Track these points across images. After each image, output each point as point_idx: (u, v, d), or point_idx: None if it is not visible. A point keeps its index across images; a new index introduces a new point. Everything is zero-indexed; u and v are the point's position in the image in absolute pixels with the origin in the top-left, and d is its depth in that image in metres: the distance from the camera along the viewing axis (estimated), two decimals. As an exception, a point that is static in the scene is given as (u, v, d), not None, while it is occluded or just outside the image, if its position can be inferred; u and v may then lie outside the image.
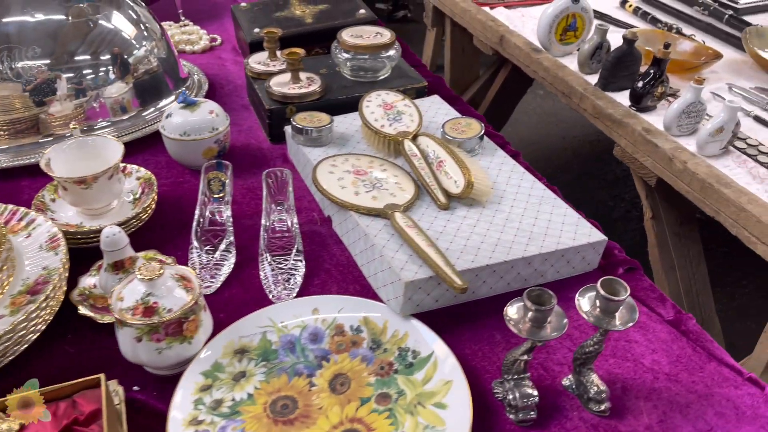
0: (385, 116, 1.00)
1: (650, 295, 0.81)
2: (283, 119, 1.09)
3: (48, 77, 1.05)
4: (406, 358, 0.71)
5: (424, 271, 0.73)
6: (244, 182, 1.01)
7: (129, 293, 0.67)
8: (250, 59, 1.19)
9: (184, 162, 1.03)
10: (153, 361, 0.67)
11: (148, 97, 1.15)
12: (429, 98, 1.14)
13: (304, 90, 1.09)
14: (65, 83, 1.06)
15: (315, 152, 0.98)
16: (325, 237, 0.91)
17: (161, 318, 0.64)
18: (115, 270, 0.75)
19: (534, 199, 0.88)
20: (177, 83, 1.20)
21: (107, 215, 0.89)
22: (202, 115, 1.00)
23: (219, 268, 0.83)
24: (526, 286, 0.80)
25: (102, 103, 1.10)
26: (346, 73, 1.16)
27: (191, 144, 0.99)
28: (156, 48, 1.16)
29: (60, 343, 0.74)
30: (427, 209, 0.86)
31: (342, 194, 0.86)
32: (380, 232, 0.80)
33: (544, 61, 1.38)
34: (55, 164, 0.85)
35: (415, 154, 0.93)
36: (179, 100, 1.01)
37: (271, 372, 0.69)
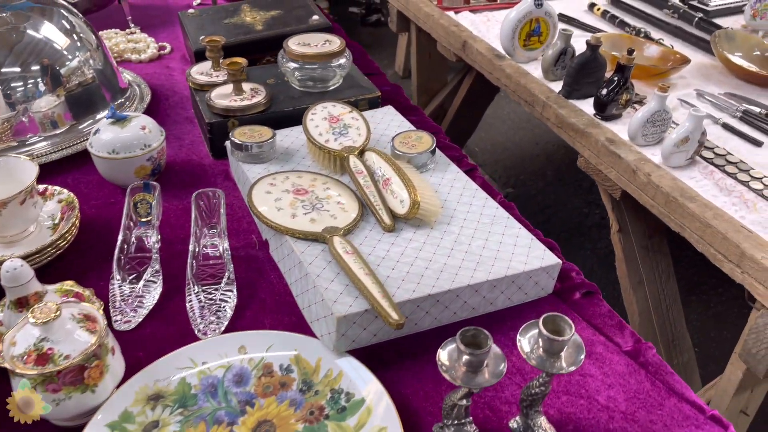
0: (331, 130, 0.94)
1: (608, 323, 0.75)
2: (226, 134, 1.02)
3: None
4: (338, 401, 0.64)
5: (359, 303, 0.67)
6: (180, 202, 0.94)
7: (22, 338, 0.59)
8: (193, 69, 1.12)
9: (115, 181, 0.96)
10: (51, 414, 0.59)
11: (83, 111, 1.07)
12: (382, 109, 1.08)
13: (247, 102, 1.02)
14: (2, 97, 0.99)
15: (255, 169, 0.91)
16: (262, 262, 0.84)
17: (56, 366, 0.57)
18: (18, 307, 0.68)
19: (485, 218, 0.82)
20: (115, 95, 1.12)
21: (23, 242, 0.81)
22: (133, 131, 0.93)
23: (142, 300, 0.76)
24: (474, 315, 0.74)
25: (31, 117, 1.02)
26: (294, 83, 1.10)
27: (121, 162, 0.92)
28: (91, 59, 1.09)
29: (-44, 391, 0.66)
30: (371, 231, 0.80)
31: (277, 217, 0.79)
32: (316, 258, 0.74)
33: (507, 68, 1.33)
34: (-39, 189, 0.78)
35: (361, 171, 0.87)
36: (108, 115, 0.94)
37: (187, 420, 0.62)
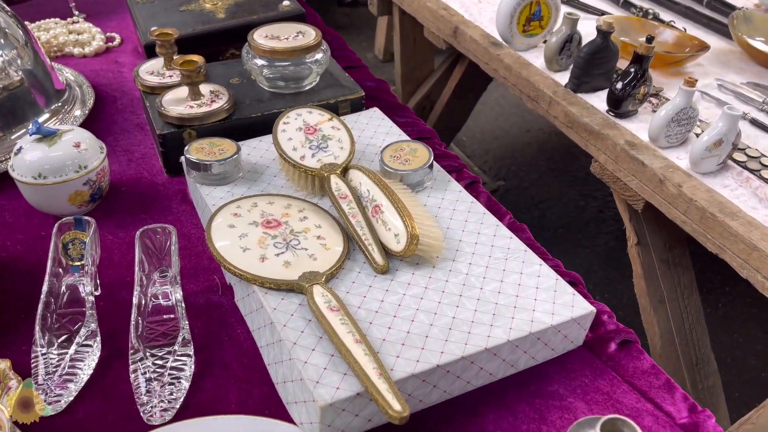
0: (307, 143, 0.78)
1: (654, 383, 0.62)
2: (181, 146, 0.85)
3: None
4: None
5: (349, 384, 0.52)
6: (127, 234, 0.78)
7: None
8: (142, 68, 0.95)
9: (46, 210, 0.79)
10: None
11: (11, 120, 0.90)
12: (367, 112, 0.93)
13: (206, 108, 0.85)
14: None
15: (215, 193, 0.75)
16: (227, 312, 0.69)
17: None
18: None
19: (498, 251, 0.68)
20: (50, 99, 0.95)
21: None
22: (64, 148, 0.76)
23: (74, 371, 0.60)
24: (491, 381, 0.60)
25: (-55, 130, 0.85)
26: (262, 83, 0.93)
27: (51, 189, 0.75)
28: (19, 57, 0.91)
29: None
30: (360, 274, 0.65)
31: (243, 260, 0.64)
32: (292, 317, 0.59)
33: (506, 58, 1.18)
34: None
35: (345, 196, 0.72)
36: (31, 131, 0.76)
37: None
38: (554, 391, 0.60)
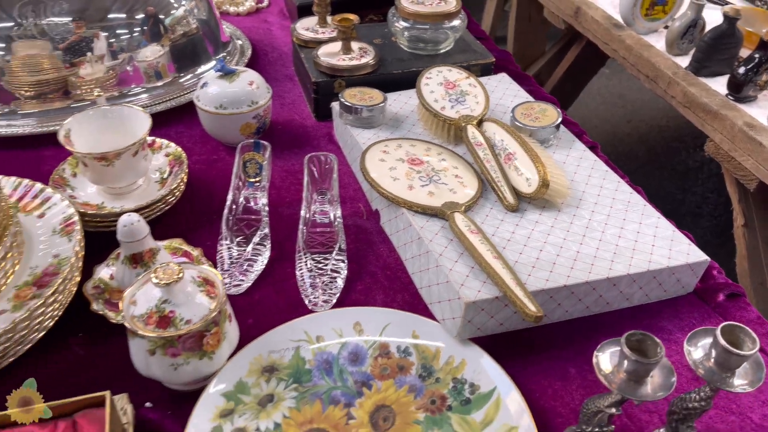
0: (447, 96, 0.87)
1: (759, 331, 0.67)
2: (331, 94, 0.97)
3: (82, 36, 0.96)
4: (462, 392, 0.60)
5: (488, 289, 0.62)
6: (284, 164, 0.91)
7: (143, 298, 0.57)
8: (298, 24, 1.07)
9: (219, 138, 0.93)
10: (167, 377, 0.57)
11: (186, 63, 1.05)
12: (496, 77, 1.01)
13: (356, 62, 0.96)
14: (98, 43, 0.97)
15: (364, 134, 0.86)
16: (371, 233, 0.79)
17: (178, 330, 0.55)
18: (133, 263, 0.66)
19: (619, 204, 0.75)
20: (217, 48, 1.09)
21: (131, 195, 0.79)
22: (241, 86, 0.89)
23: (251, 264, 0.73)
24: (606, 309, 0.68)
25: (135, 66, 1.00)
26: (402, 44, 1.03)
27: (228, 118, 0.89)
28: (196, 8, 1.06)
29: (69, 343, 0.65)
30: (492, 210, 0.74)
31: (394, 187, 0.74)
32: (436, 236, 0.69)
33: (627, 39, 1.22)
34: (76, 136, 0.76)
35: (480, 143, 0.81)
36: (216, 68, 0.90)
37: (303, 397, 0.59)
38: (663, 327, 0.67)
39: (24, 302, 0.61)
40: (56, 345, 0.64)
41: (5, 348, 0.59)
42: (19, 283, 0.64)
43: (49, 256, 0.67)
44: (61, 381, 0.62)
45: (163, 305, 0.56)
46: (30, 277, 0.64)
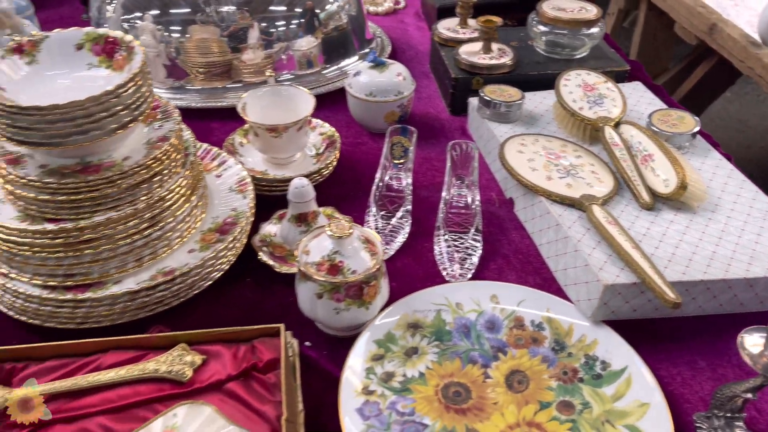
0: (585, 98, 0.91)
1: None
2: (468, 90, 1.03)
3: (245, 24, 1.07)
4: (593, 367, 0.63)
5: (626, 275, 0.65)
6: (420, 152, 0.97)
7: (316, 248, 0.65)
8: (439, 24, 1.14)
9: (364, 123, 1.01)
10: (329, 320, 0.65)
11: (334, 55, 1.14)
12: (630, 84, 1.03)
13: (495, 61, 1.02)
14: (259, 32, 1.08)
15: (501, 128, 0.92)
16: (503, 220, 0.85)
17: (345, 278, 0.62)
18: (298, 222, 0.75)
19: (757, 212, 0.76)
20: (362, 43, 1.18)
21: (290, 166, 0.89)
22: (389, 77, 0.97)
23: (394, 235, 0.80)
24: (739, 310, 0.69)
25: (290, 55, 1.11)
26: (539, 47, 1.08)
27: (375, 105, 0.97)
28: (347, 5, 1.15)
29: (239, 287, 0.75)
30: (627, 207, 0.77)
31: (532, 177, 0.79)
32: (574, 224, 0.73)
33: (765, 58, 1.20)
34: (249, 109, 0.87)
35: (617, 144, 0.84)
36: (369, 59, 0.99)
37: (444, 354, 0.65)
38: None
39: (209, 244, 0.71)
40: (230, 286, 0.74)
41: (193, 281, 0.69)
42: (205, 228, 0.74)
43: (228, 209, 0.77)
44: (231, 319, 0.71)
45: (334, 255, 0.64)
46: (213, 225, 0.75)
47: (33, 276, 0.65)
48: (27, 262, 0.65)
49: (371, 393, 0.61)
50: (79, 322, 0.66)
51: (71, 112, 0.59)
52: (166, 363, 0.60)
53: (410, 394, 0.61)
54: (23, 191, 0.63)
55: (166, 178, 0.68)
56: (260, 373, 0.60)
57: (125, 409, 0.57)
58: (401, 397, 0.61)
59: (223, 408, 0.57)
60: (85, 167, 0.65)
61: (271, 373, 0.60)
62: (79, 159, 0.65)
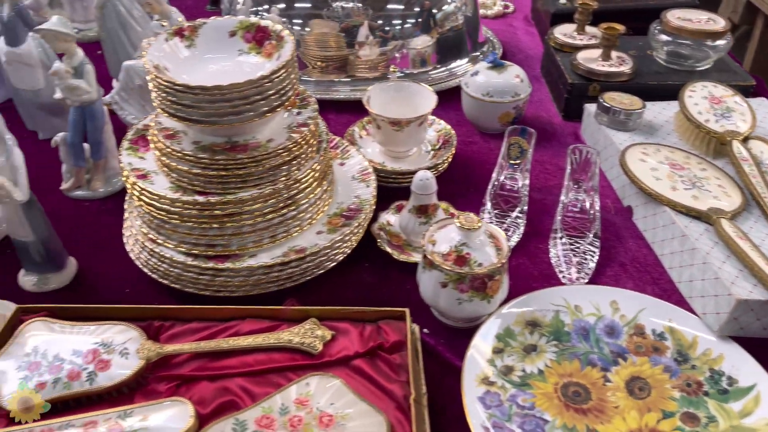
0: (711, 111, 0.89)
1: None
2: (583, 96, 1.03)
3: (363, 21, 1.10)
4: (719, 382, 0.62)
5: (760, 292, 0.64)
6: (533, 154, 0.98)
7: (442, 238, 0.67)
8: (556, 29, 1.14)
9: (477, 122, 1.02)
10: (450, 309, 0.67)
11: (447, 55, 1.16)
12: (755, 100, 1.00)
13: (614, 69, 1.01)
14: (362, 30, 1.11)
15: (620, 136, 0.91)
16: (619, 228, 0.84)
17: (471, 270, 0.64)
18: (418, 213, 0.77)
19: None
20: (475, 45, 1.20)
21: (407, 160, 0.91)
22: (507, 78, 0.98)
23: (508, 234, 0.81)
24: None
25: (405, 54, 1.13)
26: (660, 57, 1.06)
27: (491, 105, 0.98)
28: (464, 5, 1.17)
29: (358, 271, 0.78)
30: (756, 223, 0.75)
31: (656, 186, 0.78)
32: (701, 236, 0.72)
33: None
34: (372, 102, 0.90)
35: (746, 159, 0.82)
36: (488, 59, 1.00)
37: (562, 354, 0.66)
38: None
39: (336, 228, 0.75)
40: (349, 269, 0.77)
41: (320, 261, 0.73)
42: (331, 213, 0.77)
43: (352, 196, 0.80)
44: (351, 298, 0.74)
45: (461, 247, 0.65)
46: (338, 210, 0.78)
47: (178, 244, 0.70)
48: (175, 230, 0.70)
49: (492, 384, 0.62)
50: (215, 289, 0.71)
51: (230, 93, 0.64)
52: (299, 335, 0.63)
53: (530, 389, 0.62)
54: (178, 164, 0.68)
55: (303, 162, 0.72)
56: (386, 353, 0.62)
57: (261, 374, 0.61)
58: (521, 391, 0.62)
59: (351, 382, 0.60)
60: (233, 146, 0.69)
61: (396, 354, 0.62)
62: (227, 138, 0.70)
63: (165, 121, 0.72)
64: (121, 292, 0.75)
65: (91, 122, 0.82)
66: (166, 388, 0.59)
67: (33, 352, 0.59)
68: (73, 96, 0.79)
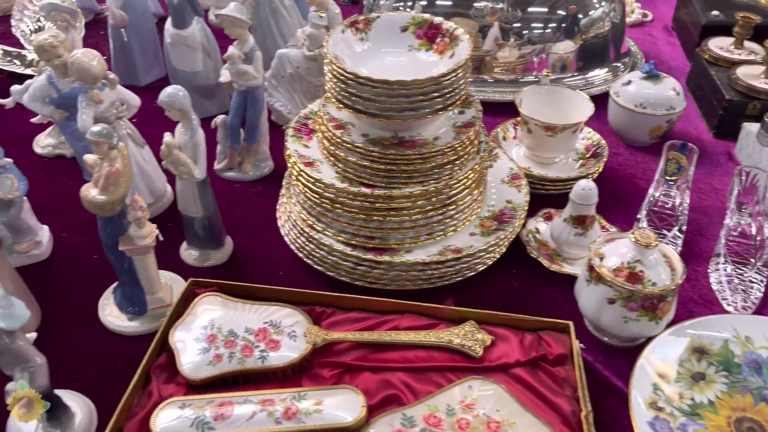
0: None
1: None
2: (740, 114, 0.97)
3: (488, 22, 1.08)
4: None
5: None
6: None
7: (611, 252, 0.65)
8: (711, 42, 1.09)
9: (624, 134, 0.99)
10: (613, 327, 0.64)
11: (588, 63, 1.12)
12: None
13: (780, 88, 0.95)
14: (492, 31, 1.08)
15: (788, 160, 0.85)
16: (785, 258, 0.78)
17: (644, 289, 0.61)
18: (575, 223, 0.74)
19: None
20: (618, 55, 1.15)
21: (553, 166, 0.89)
22: (662, 90, 0.94)
23: (664, 253, 0.77)
24: None
25: (544, 58, 1.11)
26: (830, 78, 0.99)
27: (643, 117, 0.94)
28: (612, 11, 1.13)
29: (504, 276, 0.76)
30: None
31: (839, 217, 0.72)
32: None
33: None
34: (524, 105, 0.88)
35: None
36: (644, 69, 0.96)
37: (734, 386, 0.62)
38: None
39: (490, 231, 0.74)
40: (496, 272, 0.76)
41: (472, 263, 0.72)
42: (482, 215, 0.76)
43: (502, 200, 0.78)
44: (497, 302, 0.73)
45: (634, 263, 0.63)
46: (489, 212, 0.77)
47: (338, 233, 0.71)
48: (337, 220, 0.71)
49: (660, 410, 0.59)
50: (370, 281, 0.71)
51: (411, 88, 0.64)
52: (459, 336, 0.63)
53: (700, 419, 0.59)
54: (347, 155, 0.69)
55: (465, 162, 0.71)
56: (549, 364, 0.61)
57: (421, 371, 0.61)
58: (691, 421, 0.59)
59: (512, 390, 0.59)
60: (400, 141, 0.69)
61: (559, 367, 0.61)
62: (393, 133, 0.70)
63: (333, 110, 0.73)
64: (274, 273, 0.76)
65: (252, 107, 0.85)
66: (330, 374, 0.60)
67: (209, 325, 0.62)
68: (241, 80, 0.82)
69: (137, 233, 0.63)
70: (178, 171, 0.69)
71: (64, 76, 0.75)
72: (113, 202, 0.60)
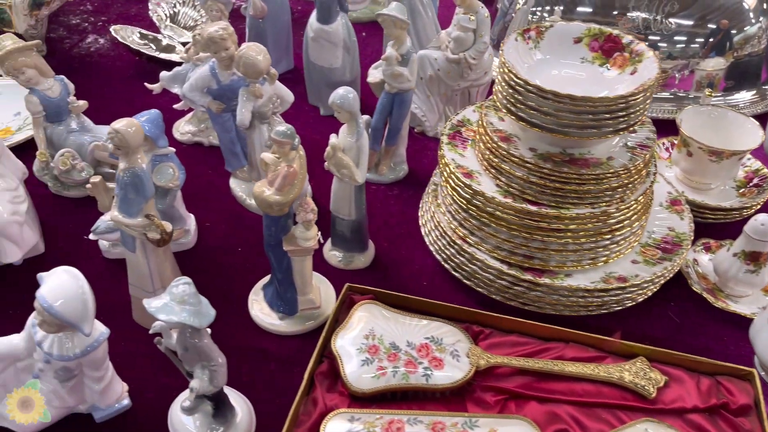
0: None
1: None
2: None
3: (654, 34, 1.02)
4: None
5: None
6: None
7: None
8: None
9: None
10: None
11: (738, 83, 1.05)
12: None
13: None
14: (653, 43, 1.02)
15: None
16: None
17: None
18: (748, 259, 0.69)
19: None
20: (769, 76, 1.07)
21: (709, 193, 0.83)
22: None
23: None
24: None
25: (686, 75, 1.04)
26: None
27: None
28: (769, 28, 1.05)
29: (661, 308, 0.72)
30: None
31: None
32: None
33: None
34: (684, 125, 0.82)
35: None
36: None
37: None
38: None
39: (653, 259, 0.69)
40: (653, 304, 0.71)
41: (634, 293, 0.68)
42: (643, 241, 0.72)
43: (664, 227, 0.74)
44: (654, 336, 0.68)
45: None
46: (650, 240, 0.72)
47: (493, 249, 0.68)
48: (494, 235, 0.68)
49: None
50: (523, 301, 0.68)
51: (598, 106, 0.60)
52: (630, 373, 0.59)
53: None
54: (512, 169, 0.66)
55: (637, 185, 0.67)
56: (731, 414, 0.56)
57: (590, 406, 0.58)
58: None
59: (690, 438, 0.55)
60: (571, 158, 0.66)
61: (743, 418, 0.56)
62: (562, 149, 0.67)
63: (495, 121, 0.70)
64: (418, 282, 0.74)
65: (398, 109, 0.83)
66: (494, 399, 0.58)
67: (370, 335, 0.60)
68: (395, 82, 0.80)
69: (303, 234, 0.62)
70: (340, 173, 0.67)
71: (227, 69, 0.75)
72: (287, 203, 0.59)
